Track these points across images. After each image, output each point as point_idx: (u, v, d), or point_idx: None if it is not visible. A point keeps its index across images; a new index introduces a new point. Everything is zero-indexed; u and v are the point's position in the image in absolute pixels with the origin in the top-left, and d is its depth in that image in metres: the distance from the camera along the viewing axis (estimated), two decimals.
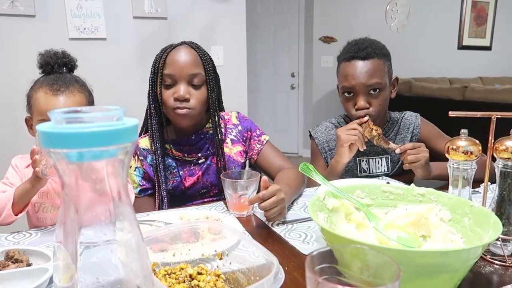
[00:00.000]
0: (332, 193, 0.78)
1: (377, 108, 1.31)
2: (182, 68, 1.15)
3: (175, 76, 1.15)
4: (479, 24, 5.42)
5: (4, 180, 1.05)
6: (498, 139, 0.74)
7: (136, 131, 0.38)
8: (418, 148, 1.18)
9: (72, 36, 2.22)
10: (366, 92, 1.29)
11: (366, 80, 1.27)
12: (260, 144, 1.30)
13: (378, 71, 1.29)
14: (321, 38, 4.60)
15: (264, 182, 0.93)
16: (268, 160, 1.29)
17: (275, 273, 0.53)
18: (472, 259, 0.59)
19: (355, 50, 1.30)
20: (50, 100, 1.02)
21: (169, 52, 1.16)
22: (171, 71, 1.14)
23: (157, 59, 1.18)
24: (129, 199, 0.41)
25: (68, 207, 0.38)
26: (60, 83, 1.05)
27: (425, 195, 0.79)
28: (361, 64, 1.28)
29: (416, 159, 1.16)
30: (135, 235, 0.41)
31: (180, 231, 0.76)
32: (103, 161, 0.37)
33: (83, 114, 0.37)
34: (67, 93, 1.04)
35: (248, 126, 1.32)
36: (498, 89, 3.31)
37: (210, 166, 1.24)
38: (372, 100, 1.30)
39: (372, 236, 0.72)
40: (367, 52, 1.29)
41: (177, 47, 1.18)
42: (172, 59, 1.15)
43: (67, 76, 1.09)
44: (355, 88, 1.29)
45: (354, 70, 1.28)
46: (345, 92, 1.33)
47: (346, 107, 1.35)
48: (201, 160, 1.24)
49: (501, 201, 0.75)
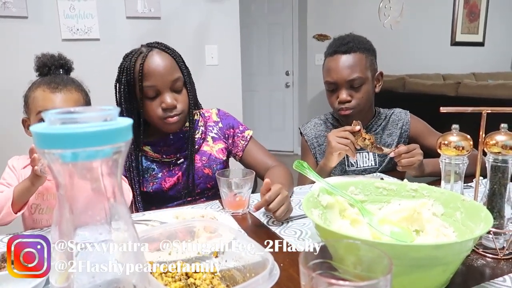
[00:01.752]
0: (326, 190, 0.79)
1: (359, 101, 1.32)
2: (163, 76, 1.11)
3: (158, 87, 1.11)
4: (471, 20, 5.45)
5: (1, 180, 1.05)
6: (488, 134, 0.75)
7: (130, 131, 0.38)
8: (412, 151, 1.16)
9: (65, 37, 2.22)
10: (348, 86, 1.31)
11: (347, 74, 1.29)
12: (244, 140, 1.29)
13: (359, 65, 1.31)
14: (315, 36, 4.61)
15: (267, 184, 0.92)
16: (254, 157, 1.28)
17: (270, 270, 0.54)
18: (464, 252, 0.60)
19: (337, 45, 1.33)
20: (49, 97, 1.03)
21: (143, 62, 1.10)
22: (153, 82, 1.11)
23: (129, 70, 1.12)
24: (123, 198, 0.41)
25: (63, 208, 0.38)
26: (58, 81, 1.06)
27: (418, 190, 0.80)
28: (343, 58, 1.30)
29: (409, 163, 1.15)
30: (131, 234, 0.41)
31: (176, 230, 0.76)
32: (97, 161, 0.37)
33: (77, 114, 0.37)
34: (65, 91, 1.05)
35: (230, 123, 1.31)
36: (491, 84, 3.33)
37: (193, 166, 1.22)
38: (354, 93, 1.32)
39: (366, 231, 0.73)
40: (348, 46, 1.31)
41: (150, 55, 1.12)
42: (151, 69, 1.10)
43: (64, 77, 1.10)
44: (337, 82, 1.31)
45: (335, 65, 1.31)
46: (329, 86, 1.35)
47: (330, 101, 1.38)
48: (180, 160, 1.22)
49: (492, 195, 0.76)
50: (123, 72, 1.14)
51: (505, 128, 0.73)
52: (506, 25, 5.69)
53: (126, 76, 1.13)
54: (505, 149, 0.72)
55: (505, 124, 0.73)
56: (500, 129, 0.73)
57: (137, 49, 1.18)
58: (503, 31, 5.67)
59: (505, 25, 5.67)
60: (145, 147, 1.21)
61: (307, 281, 0.45)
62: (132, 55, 1.15)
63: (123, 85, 1.14)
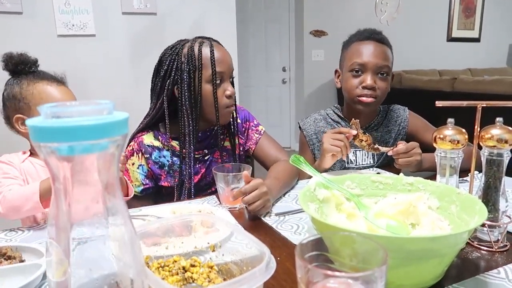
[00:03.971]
0: (323, 184, 0.79)
1: (382, 92, 1.32)
2: (229, 65, 1.17)
3: (224, 74, 1.15)
4: (467, 16, 5.47)
5: (4, 175, 1.02)
6: (483, 128, 0.75)
7: (127, 125, 0.38)
8: (410, 151, 1.15)
9: (61, 33, 2.20)
10: (375, 73, 1.30)
11: (380, 60, 1.29)
12: (258, 134, 1.31)
13: (388, 58, 1.32)
14: (311, 32, 4.61)
15: (246, 177, 0.95)
16: (265, 151, 1.29)
17: (267, 262, 0.54)
18: (459, 244, 0.60)
19: (371, 32, 1.33)
20: (55, 90, 1.05)
21: (212, 49, 1.13)
22: (222, 68, 1.14)
23: (192, 57, 1.12)
24: (121, 193, 0.41)
25: (60, 202, 0.38)
26: (55, 77, 1.08)
27: (413, 184, 0.80)
28: (377, 45, 1.31)
29: (407, 163, 1.15)
30: (128, 229, 0.41)
31: (173, 224, 0.76)
32: (94, 154, 0.37)
33: (73, 107, 0.37)
34: (65, 85, 1.08)
35: (246, 116, 1.33)
36: (486, 80, 3.35)
37: (212, 162, 1.24)
38: (379, 82, 1.31)
39: (362, 225, 0.74)
40: (382, 37, 1.33)
41: (215, 44, 1.16)
42: (220, 56, 1.14)
43: (53, 73, 1.12)
44: (366, 66, 1.30)
45: (368, 48, 1.30)
46: (353, 69, 1.32)
47: (350, 84, 1.33)
48: (206, 156, 1.24)
49: (487, 188, 0.77)
50: (191, 59, 1.13)
51: (501, 122, 0.73)
52: (502, 21, 5.70)
53: (190, 61, 1.13)
54: (500, 142, 0.72)
55: (500, 118, 0.74)
56: (496, 123, 0.74)
57: (188, 39, 1.19)
58: (498, 27, 5.68)
59: (501, 21, 5.69)
60: (173, 142, 1.21)
61: (303, 273, 0.45)
62: (191, 43, 1.16)
63: (178, 72, 1.14)
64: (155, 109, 1.19)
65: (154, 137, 1.21)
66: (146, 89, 1.25)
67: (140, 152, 1.20)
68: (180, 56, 1.14)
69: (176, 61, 1.14)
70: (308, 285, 0.45)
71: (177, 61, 1.14)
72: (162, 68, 1.16)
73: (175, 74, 1.14)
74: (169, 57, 1.15)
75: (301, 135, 1.49)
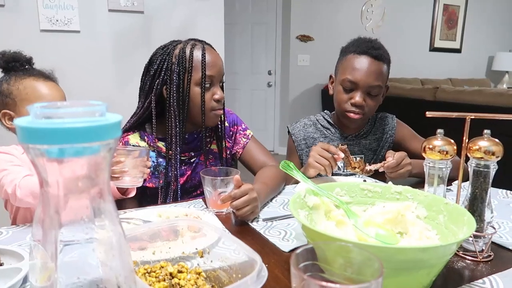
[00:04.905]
0: (313, 191, 0.79)
1: (370, 109, 1.32)
2: (220, 69, 1.16)
3: (214, 78, 1.14)
4: (450, 27, 5.60)
5: (6, 163, 0.97)
6: (471, 139, 0.76)
7: (120, 128, 0.37)
8: (400, 163, 1.15)
9: (44, 28, 2.15)
10: (366, 91, 1.30)
11: (371, 80, 1.28)
12: (246, 138, 1.31)
13: (382, 76, 1.30)
14: (298, 37, 4.63)
15: (237, 181, 0.94)
16: (252, 155, 1.29)
17: (258, 271, 0.53)
18: (447, 255, 0.61)
19: (369, 46, 1.30)
20: (44, 87, 1.03)
21: (204, 52, 1.12)
22: (213, 72, 1.13)
23: (183, 59, 1.11)
24: (111, 196, 0.40)
25: (48, 205, 0.37)
26: (43, 73, 1.07)
27: (402, 193, 0.81)
28: (372, 62, 1.28)
29: (399, 176, 1.17)
30: (117, 233, 0.40)
31: (160, 229, 0.75)
32: (85, 157, 0.36)
33: (64, 108, 0.36)
34: (54, 82, 1.06)
35: (234, 120, 1.33)
36: (467, 90, 3.43)
37: (198, 164, 1.23)
38: (368, 100, 1.31)
39: (351, 233, 0.74)
40: (379, 52, 1.30)
41: (207, 47, 1.15)
42: (212, 60, 1.13)
43: (37, 69, 1.10)
44: (358, 84, 1.29)
45: (363, 66, 1.28)
46: (346, 85, 1.31)
47: (340, 98, 1.34)
48: (193, 159, 1.23)
49: (474, 199, 0.78)
50: (182, 60, 1.12)
51: (488, 134, 0.75)
52: (482, 33, 5.86)
53: (178, 64, 1.12)
54: (487, 154, 0.74)
55: (488, 130, 0.75)
56: (483, 134, 0.75)
57: (181, 40, 1.18)
58: (479, 39, 5.84)
59: (481, 33, 5.85)
60: (159, 143, 1.19)
61: (298, 284, 0.45)
62: (183, 44, 1.15)
63: (168, 72, 1.13)
64: (143, 108, 1.18)
65: (140, 138, 1.20)
66: (130, 88, 1.23)
67: None
68: (171, 57, 1.13)
69: (166, 61, 1.13)
70: None
71: (168, 62, 1.13)
72: (152, 68, 1.15)
73: (165, 74, 1.13)
74: (160, 56, 1.14)
75: (289, 139, 1.49)
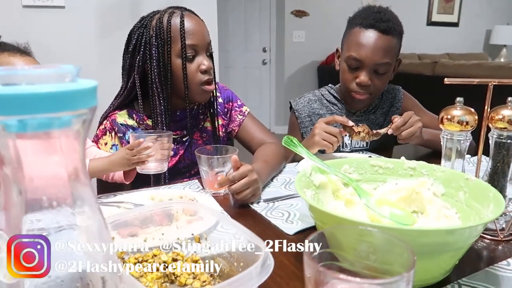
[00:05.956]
0: (319, 168, 0.72)
1: (378, 88, 1.23)
2: (204, 36, 1.05)
3: (197, 47, 1.04)
4: (447, 0, 5.47)
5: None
6: (494, 108, 0.69)
7: (95, 95, 0.31)
8: (409, 121, 1.09)
9: (26, 3, 2.03)
10: (373, 69, 1.20)
11: (378, 57, 1.17)
12: (242, 115, 1.22)
13: (391, 51, 1.19)
14: (293, 12, 4.50)
15: (235, 162, 0.86)
16: (250, 133, 1.21)
17: (264, 260, 0.47)
18: (473, 237, 0.54)
19: (376, 19, 1.18)
20: (20, 61, 0.94)
21: (183, 20, 1.02)
22: (194, 41, 1.03)
23: (161, 29, 1.01)
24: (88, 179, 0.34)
25: (10, 189, 0.30)
26: (19, 48, 0.98)
27: (416, 168, 0.74)
28: (379, 37, 1.17)
29: (410, 134, 1.09)
30: (97, 220, 0.35)
31: (152, 213, 0.68)
32: (53, 131, 0.29)
33: (26, 71, 0.29)
34: (29, 55, 0.98)
35: (229, 96, 1.24)
36: (466, 64, 3.35)
37: (192, 143, 1.16)
38: (375, 79, 1.21)
39: (362, 213, 0.67)
40: (388, 25, 1.17)
41: (187, 14, 1.05)
42: (192, 28, 1.03)
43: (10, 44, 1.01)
44: (363, 62, 1.18)
45: (369, 42, 1.17)
46: (351, 63, 1.21)
47: (345, 77, 1.25)
48: (185, 137, 1.15)
49: (494, 173, 0.71)
50: (159, 30, 1.02)
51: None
52: (480, 7, 5.74)
53: (156, 36, 1.02)
54: (511, 124, 0.67)
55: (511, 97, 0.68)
56: (507, 103, 0.68)
57: (160, 10, 1.07)
58: (476, 12, 5.72)
59: (479, 6, 5.73)
60: (148, 121, 1.10)
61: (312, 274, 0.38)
62: (160, 14, 1.04)
63: (148, 46, 1.03)
64: (126, 89, 1.09)
65: (128, 116, 1.11)
66: (118, 65, 1.14)
67: (113, 131, 1.10)
68: (148, 29, 1.03)
69: (144, 35, 1.04)
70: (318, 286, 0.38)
71: (146, 35, 1.03)
72: (131, 44, 1.06)
73: (144, 49, 1.04)
74: (137, 30, 1.05)
75: (292, 116, 1.39)
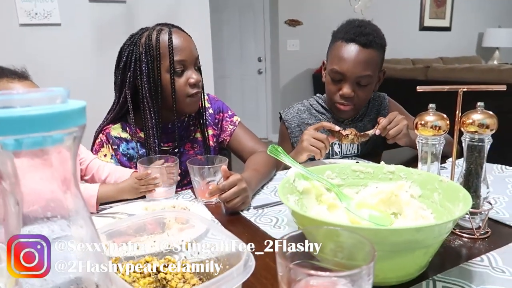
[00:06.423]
0: (302, 175, 0.76)
1: (361, 100, 1.28)
2: (191, 51, 1.10)
3: (186, 62, 1.09)
4: (439, 5, 5.55)
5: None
6: (464, 113, 0.73)
7: (84, 114, 0.34)
8: (394, 120, 1.14)
9: (23, 21, 2.08)
10: (355, 82, 1.24)
11: (359, 70, 1.21)
12: (233, 125, 1.26)
13: (372, 64, 1.23)
14: (286, 22, 4.56)
15: (225, 172, 0.90)
16: (241, 142, 1.25)
17: (245, 261, 0.50)
18: (443, 234, 0.58)
19: (357, 33, 1.22)
20: (19, 86, 0.97)
21: (171, 36, 1.06)
22: (183, 57, 1.08)
23: (150, 46, 1.06)
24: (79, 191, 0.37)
25: (9, 202, 0.34)
26: (18, 72, 1.01)
27: (395, 172, 0.78)
28: (360, 51, 1.21)
29: (397, 131, 1.13)
30: (89, 230, 0.37)
31: (145, 222, 0.71)
32: (46, 148, 0.33)
33: (20, 95, 0.33)
34: (28, 79, 1.00)
35: (219, 107, 1.28)
36: (459, 68, 3.40)
37: (184, 154, 1.19)
38: (358, 91, 1.25)
39: (343, 216, 0.71)
40: (368, 39, 1.21)
41: (175, 31, 1.09)
42: (180, 44, 1.07)
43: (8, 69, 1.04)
44: (345, 75, 1.23)
45: (350, 56, 1.21)
46: (334, 76, 1.26)
47: (329, 89, 1.29)
48: (176, 149, 1.18)
49: (469, 174, 0.75)
50: (149, 48, 1.06)
51: (482, 106, 0.72)
52: (471, 10, 5.82)
53: (146, 53, 1.07)
54: (481, 128, 0.71)
55: (481, 102, 0.72)
56: (477, 107, 0.72)
57: (148, 27, 1.12)
58: (468, 16, 5.80)
59: (470, 10, 5.81)
60: (141, 133, 1.15)
61: (284, 272, 0.42)
62: (149, 31, 1.09)
63: (138, 63, 1.08)
64: (119, 103, 1.13)
65: (121, 129, 1.16)
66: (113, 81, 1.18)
67: (108, 143, 1.14)
68: (138, 47, 1.08)
69: (134, 52, 1.08)
70: (290, 284, 0.42)
71: (136, 52, 1.08)
72: (122, 60, 1.10)
73: (135, 65, 1.08)
74: (127, 48, 1.10)
75: (281, 126, 1.43)
